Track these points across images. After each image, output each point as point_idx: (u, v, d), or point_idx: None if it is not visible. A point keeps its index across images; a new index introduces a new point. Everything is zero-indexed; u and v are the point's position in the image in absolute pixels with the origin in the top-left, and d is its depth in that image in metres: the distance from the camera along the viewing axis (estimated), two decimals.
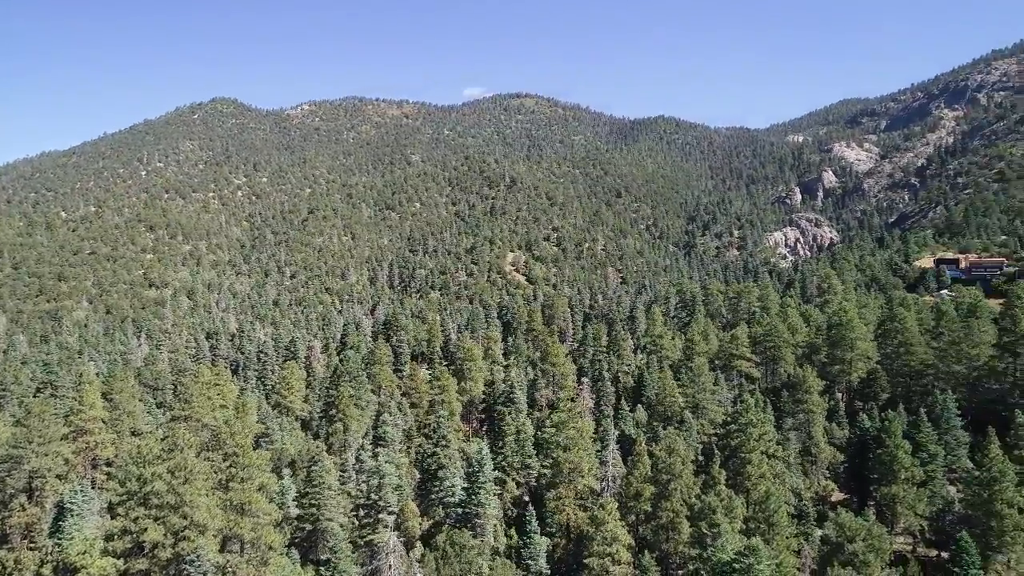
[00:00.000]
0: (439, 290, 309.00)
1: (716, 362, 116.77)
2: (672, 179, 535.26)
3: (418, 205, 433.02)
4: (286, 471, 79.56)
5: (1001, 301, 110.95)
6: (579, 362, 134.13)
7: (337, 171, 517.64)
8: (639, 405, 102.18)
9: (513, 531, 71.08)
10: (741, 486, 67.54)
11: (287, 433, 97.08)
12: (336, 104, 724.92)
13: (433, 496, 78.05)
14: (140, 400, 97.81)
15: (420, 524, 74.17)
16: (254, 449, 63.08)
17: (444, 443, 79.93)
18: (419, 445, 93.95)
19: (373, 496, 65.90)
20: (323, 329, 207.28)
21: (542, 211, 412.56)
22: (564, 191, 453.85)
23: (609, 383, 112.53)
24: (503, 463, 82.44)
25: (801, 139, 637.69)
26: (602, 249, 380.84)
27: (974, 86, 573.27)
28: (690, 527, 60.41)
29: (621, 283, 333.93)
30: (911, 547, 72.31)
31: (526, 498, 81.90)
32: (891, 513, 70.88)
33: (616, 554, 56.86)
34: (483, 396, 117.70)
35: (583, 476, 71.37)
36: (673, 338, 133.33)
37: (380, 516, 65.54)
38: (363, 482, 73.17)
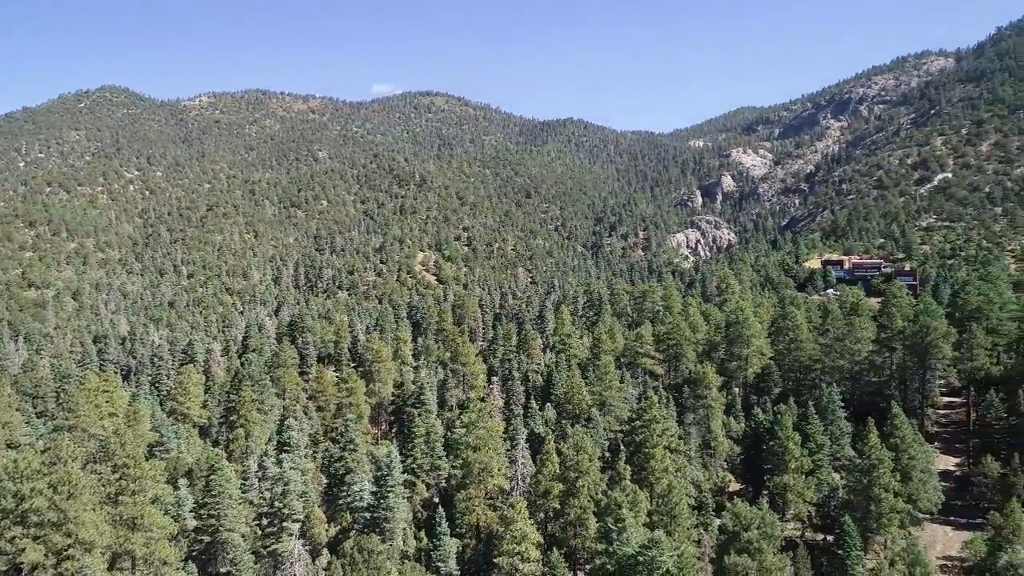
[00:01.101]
0: (347, 290, 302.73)
1: (622, 360, 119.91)
2: (580, 181, 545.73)
3: (325, 203, 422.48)
4: (183, 481, 75.76)
5: (880, 300, 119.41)
6: (489, 362, 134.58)
7: (239, 166, 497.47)
8: (548, 403, 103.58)
9: (423, 534, 70.52)
10: (645, 480, 69.63)
11: (184, 441, 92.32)
12: (238, 96, 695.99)
13: (341, 501, 76.35)
14: (17, 410, 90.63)
15: (327, 531, 72.41)
16: (147, 459, 59.79)
17: (352, 447, 78.36)
18: (326, 450, 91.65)
19: (277, 504, 63.80)
20: (223, 331, 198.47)
21: (452, 211, 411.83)
22: (475, 191, 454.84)
23: (519, 382, 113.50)
24: (413, 465, 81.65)
25: (702, 144, 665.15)
26: (512, 249, 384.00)
27: (857, 98, 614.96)
28: (597, 522, 61.72)
29: (531, 283, 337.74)
30: (800, 532, 76.79)
31: (436, 500, 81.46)
32: (782, 501, 75.02)
33: (525, 552, 57.38)
34: (392, 398, 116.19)
35: (493, 476, 71.66)
36: (581, 337, 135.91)
37: (284, 524, 63.53)
38: (266, 490, 70.67)
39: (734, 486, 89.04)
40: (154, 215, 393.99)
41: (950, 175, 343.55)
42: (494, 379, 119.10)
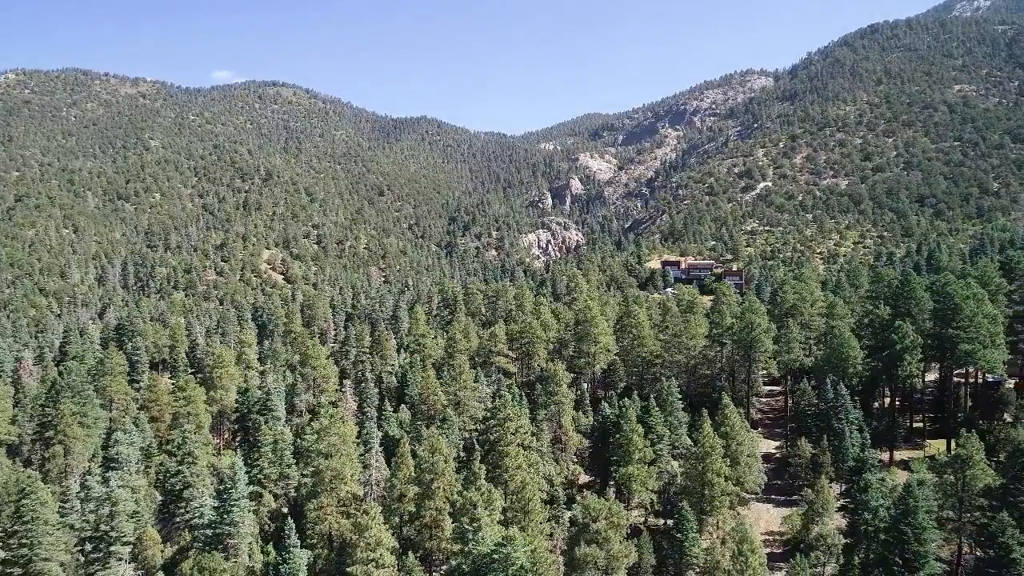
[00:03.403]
0: (184, 290, 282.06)
1: (476, 359, 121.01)
2: (434, 180, 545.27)
3: (158, 196, 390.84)
4: None
5: (711, 298, 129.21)
6: (341, 364, 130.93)
7: (55, 153, 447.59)
8: (403, 405, 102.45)
9: (271, 547, 67.13)
10: (500, 478, 70.66)
11: None
12: (53, 75, 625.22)
13: (178, 519, 71.02)
14: None
15: (162, 552, 67.02)
16: None
17: (191, 460, 73.08)
18: (161, 464, 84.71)
19: (103, 527, 58.27)
20: (36, 337, 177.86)
21: (301, 207, 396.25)
22: (325, 187, 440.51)
23: (372, 384, 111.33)
24: (259, 475, 77.58)
25: (552, 147, 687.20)
26: (365, 248, 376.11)
27: (691, 110, 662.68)
28: (453, 523, 61.84)
29: (384, 282, 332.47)
30: (644, 519, 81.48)
31: (285, 510, 77.94)
32: (627, 490, 79.07)
33: (380, 559, 56.34)
34: (236, 405, 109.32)
35: (346, 482, 69.71)
36: (435, 337, 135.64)
37: (112, 548, 58.19)
38: (90, 512, 64.21)
39: (584, 478, 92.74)
40: None
41: (770, 184, 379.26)
42: (346, 382, 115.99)
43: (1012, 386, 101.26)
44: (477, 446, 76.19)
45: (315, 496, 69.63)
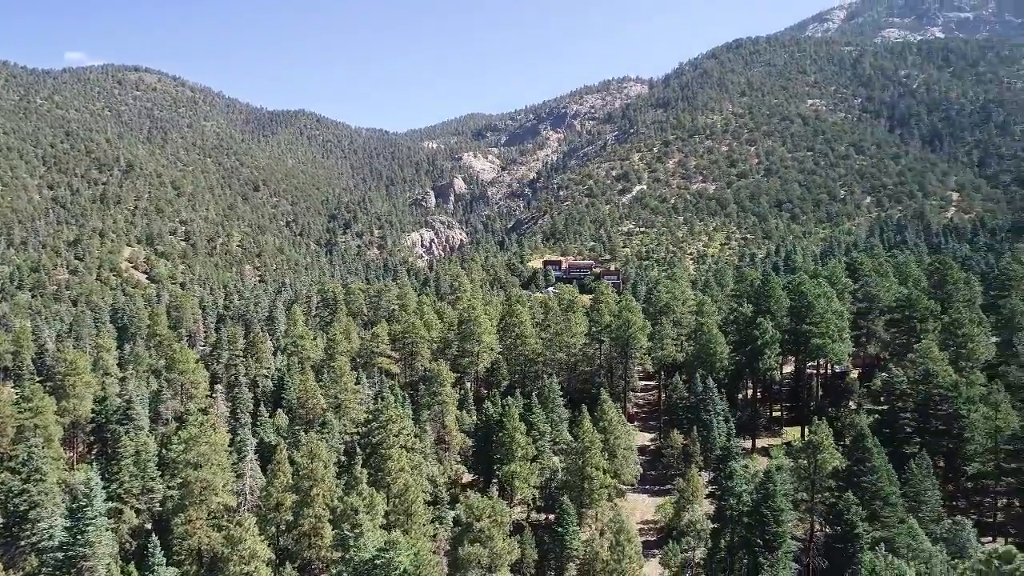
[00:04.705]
0: (31, 291, 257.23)
1: (358, 360, 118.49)
2: (313, 176, 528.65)
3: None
4: None
5: (591, 297, 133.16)
6: (212, 368, 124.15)
7: None
8: (279, 410, 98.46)
9: (132, 567, 62.46)
10: (382, 481, 69.50)
11: None
12: None
13: (23, 543, 64.48)
14: None
15: None
16: None
17: (38, 477, 66.60)
18: (2, 483, 76.74)
19: None
20: None
21: (167, 202, 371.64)
22: (194, 181, 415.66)
23: (246, 389, 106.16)
24: (119, 490, 71.95)
25: (435, 146, 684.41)
26: (238, 245, 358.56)
27: (571, 114, 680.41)
28: (333, 530, 60.14)
29: (260, 282, 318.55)
30: (526, 515, 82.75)
31: (149, 526, 72.90)
32: (510, 488, 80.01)
33: (255, 571, 53.89)
34: (92, 415, 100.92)
35: (217, 493, 66.07)
36: (315, 338, 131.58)
37: None
38: None
39: (468, 477, 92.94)
40: None
41: (645, 187, 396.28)
42: (218, 387, 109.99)
43: (856, 376, 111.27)
44: (359, 450, 74.51)
45: (183, 509, 65.49)
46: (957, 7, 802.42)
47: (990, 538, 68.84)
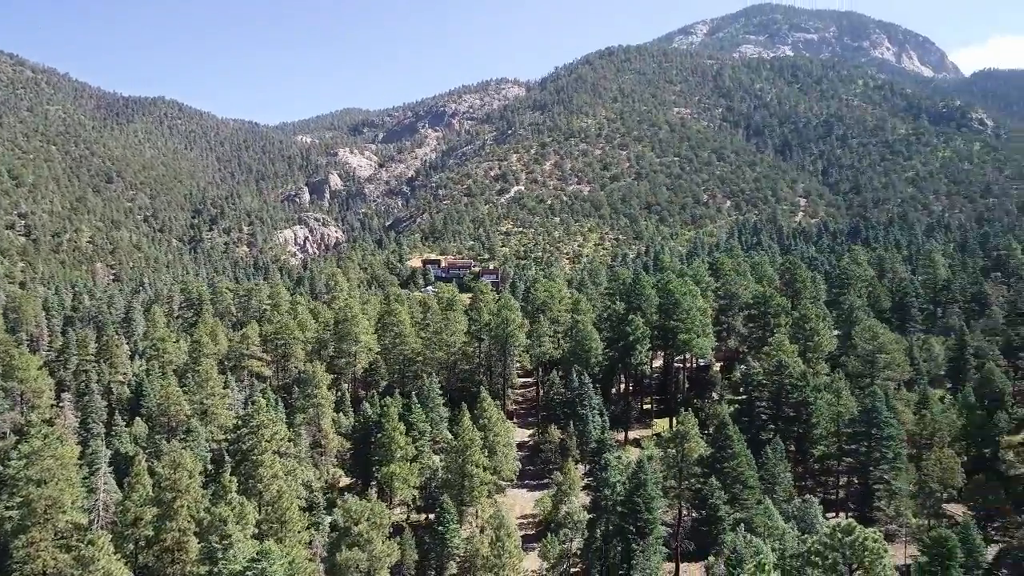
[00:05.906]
0: None
1: (226, 363, 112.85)
2: (175, 168, 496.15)
3: None
4: None
5: (470, 296, 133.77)
6: (58, 375, 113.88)
7: None
8: (138, 418, 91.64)
9: None
10: (254, 489, 66.32)
11: None
12: None
13: None
14: None
15: None
16: None
17: None
18: None
19: None
20: None
21: (4, 193, 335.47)
22: (36, 170, 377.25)
23: (99, 396, 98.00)
24: None
25: (309, 141, 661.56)
26: (89, 241, 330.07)
27: (450, 112, 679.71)
28: (199, 543, 56.72)
29: (114, 281, 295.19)
30: (406, 516, 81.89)
31: None
32: (390, 489, 78.87)
33: None
34: None
35: (65, 511, 60.38)
36: (177, 341, 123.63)
37: None
38: None
39: (345, 480, 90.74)
40: None
41: (523, 188, 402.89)
42: (65, 395, 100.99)
43: (718, 368, 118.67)
44: (228, 457, 70.79)
45: (24, 531, 59.36)
46: (803, 28, 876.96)
47: (833, 513, 75.59)
